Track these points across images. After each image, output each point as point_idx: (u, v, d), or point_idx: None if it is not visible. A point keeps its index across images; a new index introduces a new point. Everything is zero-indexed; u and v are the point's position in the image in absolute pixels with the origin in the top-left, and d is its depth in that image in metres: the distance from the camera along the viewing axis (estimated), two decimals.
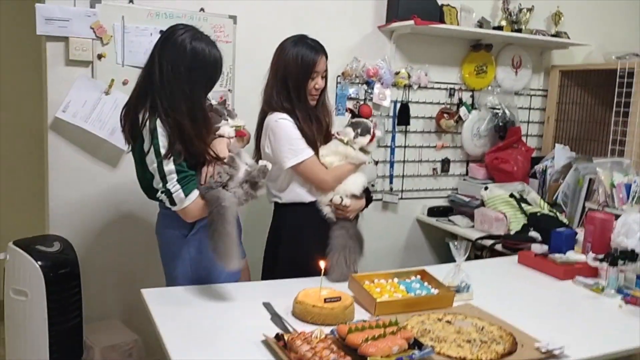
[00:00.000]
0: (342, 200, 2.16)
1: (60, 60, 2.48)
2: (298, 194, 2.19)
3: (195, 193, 1.86)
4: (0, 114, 3.40)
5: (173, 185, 1.82)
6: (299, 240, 2.18)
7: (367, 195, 2.30)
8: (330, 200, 2.18)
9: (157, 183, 1.84)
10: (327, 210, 2.19)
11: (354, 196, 2.20)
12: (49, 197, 2.56)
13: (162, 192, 1.84)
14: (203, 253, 1.96)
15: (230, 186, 1.88)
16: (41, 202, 2.71)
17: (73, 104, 2.50)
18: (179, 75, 1.82)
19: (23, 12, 2.68)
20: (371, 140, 2.23)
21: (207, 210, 1.84)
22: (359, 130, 2.21)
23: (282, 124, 2.13)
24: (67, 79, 2.49)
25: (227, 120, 2.02)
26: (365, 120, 2.30)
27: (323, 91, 2.23)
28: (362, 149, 2.22)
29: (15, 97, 3.41)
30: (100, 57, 2.53)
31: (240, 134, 2.06)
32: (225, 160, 1.90)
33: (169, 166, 1.81)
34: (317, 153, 2.18)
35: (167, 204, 1.87)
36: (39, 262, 2.17)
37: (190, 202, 1.85)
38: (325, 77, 2.21)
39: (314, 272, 1.84)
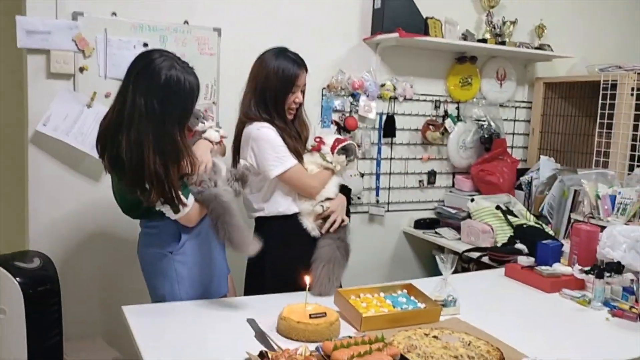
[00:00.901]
0: (323, 207, 2.15)
1: (41, 73, 2.45)
2: (282, 205, 2.16)
3: (192, 197, 1.86)
4: None
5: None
6: (284, 254, 2.14)
7: (344, 190, 2.30)
8: (316, 217, 2.16)
9: None
10: (311, 227, 2.16)
11: (329, 199, 2.19)
12: (29, 211, 2.51)
13: (162, 203, 1.81)
14: (190, 269, 1.93)
15: (220, 186, 1.88)
16: (21, 217, 2.66)
17: (54, 117, 2.46)
18: (152, 111, 1.73)
19: (3, 21, 2.63)
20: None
21: (206, 210, 1.85)
22: (352, 157, 2.27)
23: (265, 132, 2.10)
24: (48, 92, 2.46)
25: (203, 123, 2.00)
26: (352, 144, 2.28)
27: (301, 106, 2.21)
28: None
29: None
30: (82, 70, 2.50)
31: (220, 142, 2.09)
32: (207, 167, 1.90)
33: None
34: (300, 163, 2.16)
35: (169, 214, 1.84)
36: (18, 279, 2.11)
37: (191, 206, 1.85)
38: (303, 92, 2.19)
39: (300, 286, 1.80)
